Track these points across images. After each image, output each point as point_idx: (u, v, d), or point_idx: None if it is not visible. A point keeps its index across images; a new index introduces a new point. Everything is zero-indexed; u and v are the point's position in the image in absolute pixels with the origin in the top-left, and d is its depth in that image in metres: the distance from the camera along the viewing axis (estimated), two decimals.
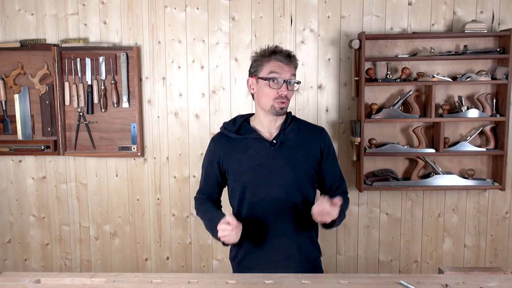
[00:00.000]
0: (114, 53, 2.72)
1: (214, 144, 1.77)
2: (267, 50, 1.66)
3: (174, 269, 2.91)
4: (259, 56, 1.67)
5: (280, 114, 1.67)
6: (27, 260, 2.95)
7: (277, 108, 1.64)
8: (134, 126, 2.77)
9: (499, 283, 1.50)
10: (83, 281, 1.56)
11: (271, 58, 1.64)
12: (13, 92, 2.77)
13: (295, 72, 1.66)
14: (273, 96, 1.63)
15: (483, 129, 2.69)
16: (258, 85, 1.67)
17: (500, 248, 2.83)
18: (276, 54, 1.63)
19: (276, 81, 1.62)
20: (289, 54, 1.65)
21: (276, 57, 1.63)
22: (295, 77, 1.67)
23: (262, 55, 1.66)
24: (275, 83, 1.62)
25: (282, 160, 1.67)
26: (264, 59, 1.65)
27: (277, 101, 1.62)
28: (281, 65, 1.62)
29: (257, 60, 1.67)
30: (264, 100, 1.65)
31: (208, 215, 1.71)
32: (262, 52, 1.67)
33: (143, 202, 2.86)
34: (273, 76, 1.62)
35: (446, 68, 2.69)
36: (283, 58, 1.63)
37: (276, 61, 1.63)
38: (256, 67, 1.67)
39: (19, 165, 2.87)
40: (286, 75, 1.62)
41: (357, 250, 2.86)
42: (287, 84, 1.62)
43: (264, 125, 1.71)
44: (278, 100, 1.62)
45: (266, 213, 1.69)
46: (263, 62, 1.65)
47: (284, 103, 1.64)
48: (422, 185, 2.66)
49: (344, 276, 1.58)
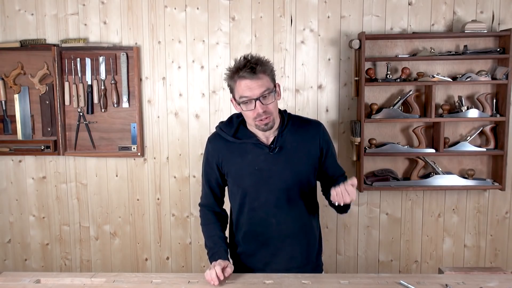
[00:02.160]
0: (114, 53, 2.72)
1: (211, 146, 1.75)
2: (233, 68, 1.58)
3: (174, 269, 2.91)
4: (228, 78, 1.61)
5: (266, 130, 1.62)
6: (27, 260, 2.95)
7: (261, 127, 1.60)
8: (134, 126, 2.77)
9: (499, 283, 1.50)
10: (83, 281, 1.56)
11: (237, 79, 1.56)
12: (13, 92, 2.77)
13: (267, 82, 1.57)
14: (251, 117, 1.58)
15: (483, 129, 2.69)
16: (238, 107, 1.63)
17: (500, 248, 2.83)
18: (240, 72, 1.55)
19: (248, 102, 1.56)
20: (252, 66, 1.54)
21: (241, 76, 1.55)
22: (270, 86, 1.57)
23: (230, 76, 1.59)
24: (248, 105, 1.56)
25: (282, 164, 1.66)
26: (233, 81, 1.59)
27: (257, 120, 1.58)
28: (247, 84, 1.54)
29: (228, 81, 1.62)
30: (248, 120, 1.64)
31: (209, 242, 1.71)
32: (230, 72, 1.60)
33: (143, 202, 2.86)
34: (244, 100, 1.56)
35: (446, 68, 2.69)
36: (247, 74, 1.53)
37: (242, 80, 1.55)
38: (231, 89, 1.63)
39: (19, 165, 2.87)
40: (255, 92, 1.54)
41: (357, 250, 2.86)
42: (261, 101, 1.55)
43: (259, 132, 1.68)
44: (258, 119, 1.58)
45: (268, 217, 1.69)
46: (232, 83, 1.60)
47: (267, 118, 1.58)
48: (422, 185, 2.66)
49: (344, 276, 1.58)
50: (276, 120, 1.64)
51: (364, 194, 2.79)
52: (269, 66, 1.60)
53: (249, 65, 1.54)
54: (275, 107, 1.61)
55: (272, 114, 1.60)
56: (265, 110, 1.57)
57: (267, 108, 1.57)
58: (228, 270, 1.55)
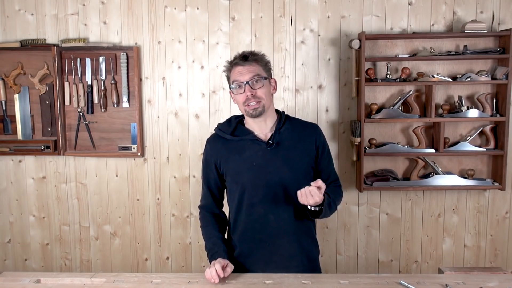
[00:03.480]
0: (114, 53, 2.72)
1: (210, 146, 1.79)
2: (229, 61, 1.73)
3: (174, 269, 2.91)
4: (226, 69, 1.73)
5: (256, 116, 1.67)
6: (27, 260, 2.95)
7: (250, 111, 1.67)
8: (134, 126, 2.77)
9: (499, 283, 1.50)
10: (83, 281, 1.56)
11: (231, 67, 1.70)
12: (13, 92, 2.77)
13: (259, 70, 1.67)
14: (241, 101, 1.67)
15: (483, 129, 2.69)
16: (233, 96, 1.73)
17: (500, 248, 2.83)
18: (235, 60, 1.69)
19: (238, 86, 1.66)
20: (245, 55, 1.67)
21: (234, 63, 1.69)
22: (261, 74, 1.67)
23: (228, 67, 1.73)
24: (238, 88, 1.67)
25: (279, 160, 1.68)
26: (229, 71, 1.72)
27: (245, 104, 1.66)
28: (239, 70, 1.66)
29: (226, 73, 1.74)
30: (239, 107, 1.71)
31: (209, 243, 1.73)
32: (228, 64, 1.73)
33: (143, 202, 2.86)
34: (235, 85, 1.67)
35: (446, 68, 2.69)
36: (239, 61, 1.67)
37: (235, 67, 1.68)
38: (228, 80, 1.74)
39: (19, 165, 2.87)
40: (245, 77, 1.65)
41: (357, 250, 2.86)
42: (250, 85, 1.64)
43: (255, 128, 1.74)
44: (246, 103, 1.66)
45: (266, 213, 1.69)
46: (229, 73, 1.72)
47: (257, 103, 1.65)
48: (422, 185, 2.66)
49: (344, 276, 1.58)
50: (268, 108, 1.70)
51: (364, 194, 2.79)
52: (263, 58, 1.72)
53: (243, 54, 1.69)
54: (266, 94, 1.67)
55: (262, 100, 1.66)
56: (254, 94, 1.65)
57: (256, 93, 1.65)
58: (228, 270, 1.55)
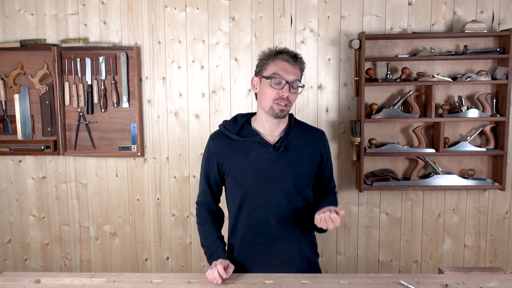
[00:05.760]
0: (114, 53, 2.72)
1: (213, 143, 1.73)
2: (274, 50, 1.64)
3: (174, 269, 2.91)
4: (265, 56, 1.65)
5: (280, 117, 1.63)
6: (27, 260, 2.95)
7: (276, 110, 1.60)
8: (134, 126, 2.77)
9: (499, 283, 1.50)
10: (83, 281, 1.56)
11: (276, 58, 1.61)
12: (13, 92, 2.76)
13: (300, 76, 1.64)
14: (273, 96, 1.59)
15: (483, 129, 2.69)
16: (261, 85, 1.64)
17: (500, 248, 2.83)
18: (282, 54, 1.61)
19: (278, 81, 1.59)
20: (295, 55, 1.63)
21: (282, 57, 1.61)
22: (300, 81, 1.63)
23: (269, 54, 1.64)
24: (277, 83, 1.59)
25: (284, 164, 1.66)
26: (270, 59, 1.62)
27: (276, 102, 1.59)
28: (285, 66, 1.59)
29: (263, 60, 1.65)
30: (265, 100, 1.62)
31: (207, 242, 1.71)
32: (269, 51, 1.65)
33: (143, 202, 2.86)
34: (276, 76, 1.59)
35: (446, 68, 2.69)
36: (289, 58, 1.60)
37: (282, 61, 1.60)
38: (261, 66, 1.64)
39: (19, 165, 2.87)
40: (289, 76, 1.59)
41: (357, 250, 2.86)
42: (290, 86, 1.59)
43: (266, 128, 1.69)
44: (277, 101, 1.59)
45: (267, 218, 1.68)
46: (268, 61, 1.62)
47: (286, 106, 1.60)
48: (422, 185, 2.66)
49: (344, 276, 1.58)
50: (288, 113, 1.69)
51: (364, 194, 2.79)
52: (304, 66, 1.68)
53: (293, 53, 1.64)
54: (294, 101, 1.65)
55: (290, 105, 1.63)
56: (288, 96, 1.60)
57: (291, 96, 1.61)
58: (229, 270, 1.55)
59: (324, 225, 1.52)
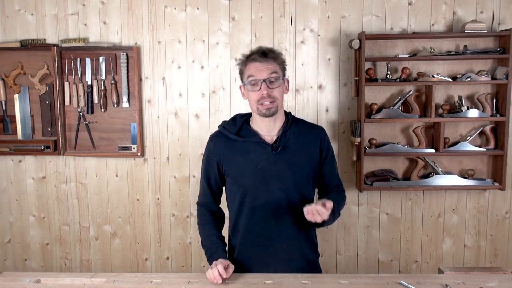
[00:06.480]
0: (114, 53, 2.72)
1: (213, 144, 1.75)
2: (246, 55, 1.67)
3: (174, 269, 2.91)
4: (240, 63, 1.68)
5: (269, 115, 1.63)
6: (27, 260, 2.95)
7: (263, 110, 1.62)
8: (134, 126, 2.77)
9: (499, 283, 1.50)
10: (83, 281, 1.56)
11: (248, 61, 1.64)
12: (13, 92, 2.76)
13: (276, 68, 1.63)
14: (255, 98, 1.62)
15: (483, 129, 2.69)
16: (245, 91, 1.68)
17: (500, 248, 2.83)
18: (252, 55, 1.63)
19: (254, 82, 1.61)
20: (264, 51, 1.62)
21: (252, 58, 1.62)
22: (279, 73, 1.63)
23: (242, 60, 1.67)
24: (253, 85, 1.61)
25: (283, 164, 1.66)
26: (243, 64, 1.66)
27: (259, 103, 1.61)
28: (257, 66, 1.61)
29: (239, 67, 1.68)
30: (251, 104, 1.66)
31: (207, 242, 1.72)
32: (242, 57, 1.67)
33: (143, 202, 2.86)
34: (251, 79, 1.61)
35: (446, 68, 2.69)
36: (257, 57, 1.61)
37: (252, 62, 1.62)
38: (240, 74, 1.69)
39: (19, 165, 2.87)
40: (262, 74, 1.60)
41: (357, 250, 2.86)
42: (267, 83, 1.60)
43: (263, 128, 1.70)
44: (261, 102, 1.61)
45: (267, 217, 1.68)
46: (243, 67, 1.66)
47: (271, 103, 1.61)
48: (422, 185, 2.66)
49: (344, 276, 1.58)
50: (279, 109, 1.66)
51: (364, 194, 2.79)
52: (281, 56, 1.66)
53: (261, 50, 1.63)
54: (280, 94, 1.64)
55: (277, 100, 1.62)
56: (270, 94, 1.60)
57: (272, 92, 1.60)
58: (229, 270, 1.55)
59: (312, 217, 1.52)
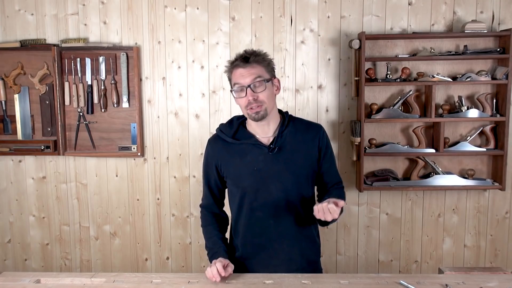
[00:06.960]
0: (114, 53, 2.72)
1: (211, 147, 1.77)
2: (230, 61, 1.66)
3: (174, 269, 2.91)
4: (227, 70, 1.67)
5: (259, 119, 1.63)
6: (27, 260, 2.95)
7: (252, 115, 1.62)
8: (134, 126, 2.77)
9: (499, 283, 1.50)
10: (83, 281, 1.56)
11: (232, 69, 1.64)
12: (13, 92, 2.76)
13: (260, 71, 1.60)
14: (243, 104, 1.62)
15: (483, 129, 2.69)
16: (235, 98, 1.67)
17: (500, 248, 2.83)
18: (235, 62, 1.62)
19: (239, 89, 1.61)
20: (246, 56, 1.61)
21: (235, 65, 1.62)
22: (264, 75, 1.61)
23: (228, 68, 1.66)
24: (239, 91, 1.61)
25: (281, 164, 1.66)
26: (229, 72, 1.66)
27: (248, 108, 1.61)
28: (240, 72, 1.60)
29: (227, 74, 1.68)
30: (242, 111, 1.66)
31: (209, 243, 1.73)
32: (228, 64, 1.67)
33: (143, 202, 2.86)
34: (236, 87, 1.62)
35: (446, 68, 2.69)
36: (239, 63, 1.60)
37: (236, 69, 1.61)
38: (229, 81, 1.68)
39: (19, 165, 2.87)
40: (246, 80, 1.59)
41: (357, 250, 2.86)
42: (252, 89, 1.59)
43: (258, 130, 1.70)
44: (248, 107, 1.61)
45: (266, 218, 1.69)
46: (229, 75, 1.66)
47: (259, 107, 1.60)
48: (422, 185, 2.66)
49: (344, 276, 1.58)
50: (271, 111, 1.65)
51: (364, 194, 2.79)
52: (265, 58, 1.64)
53: (244, 55, 1.62)
54: (268, 97, 1.62)
55: (264, 104, 1.61)
56: (256, 98, 1.59)
57: (258, 97, 1.59)
58: (228, 269, 1.55)
59: (322, 216, 1.52)
